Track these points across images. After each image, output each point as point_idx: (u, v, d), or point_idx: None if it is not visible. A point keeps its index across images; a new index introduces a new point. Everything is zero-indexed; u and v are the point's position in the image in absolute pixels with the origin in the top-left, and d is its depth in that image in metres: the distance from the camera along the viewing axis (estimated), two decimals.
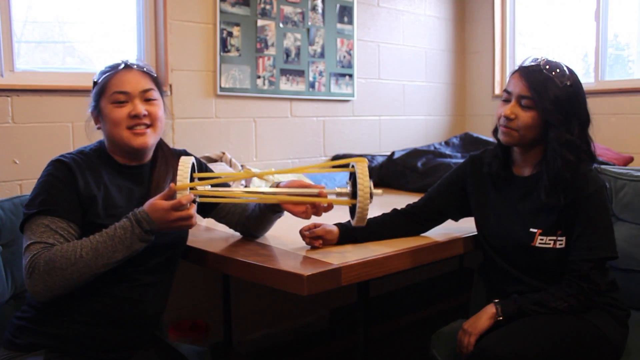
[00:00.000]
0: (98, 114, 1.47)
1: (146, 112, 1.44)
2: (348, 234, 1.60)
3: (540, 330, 1.42)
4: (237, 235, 1.73)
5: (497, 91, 3.74)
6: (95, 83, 1.48)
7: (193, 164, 1.39)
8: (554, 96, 1.47)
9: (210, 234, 1.77)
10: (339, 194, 1.47)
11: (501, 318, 1.47)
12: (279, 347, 2.78)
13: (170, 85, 2.49)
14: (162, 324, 1.66)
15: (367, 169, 1.40)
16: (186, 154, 1.59)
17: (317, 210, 1.46)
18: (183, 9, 2.51)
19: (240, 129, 2.74)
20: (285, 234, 1.69)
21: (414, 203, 1.75)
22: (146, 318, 1.45)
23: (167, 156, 1.55)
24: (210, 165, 2.36)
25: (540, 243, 1.53)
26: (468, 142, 3.23)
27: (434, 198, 1.74)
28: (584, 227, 1.49)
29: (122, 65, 1.46)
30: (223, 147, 2.65)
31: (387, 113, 3.41)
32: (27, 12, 2.26)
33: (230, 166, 2.43)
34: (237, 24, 2.67)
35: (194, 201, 1.34)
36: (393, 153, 2.95)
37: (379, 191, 1.44)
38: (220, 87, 2.63)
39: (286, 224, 1.66)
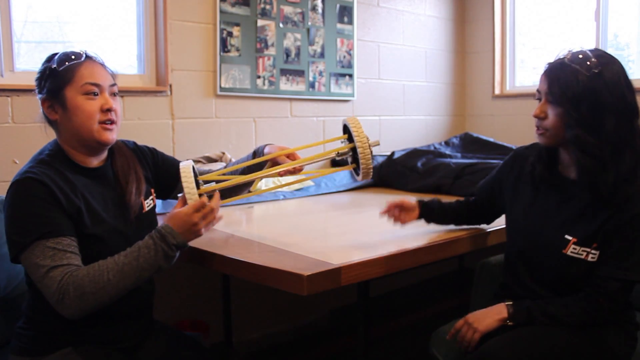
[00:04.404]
0: (58, 103, 1.38)
1: (114, 108, 1.42)
2: (427, 208, 1.71)
3: (546, 341, 1.37)
4: (237, 235, 1.73)
5: (497, 91, 3.74)
6: (52, 69, 1.37)
7: (193, 167, 1.42)
8: (571, 93, 1.36)
9: (210, 234, 1.77)
10: (339, 154, 1.49)
11: (510, 323, 1.42)
12: (279, 347, 2.78)
13: (170, 85, 2.49)
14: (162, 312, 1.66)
15: (359, 123, 1.45)
16: (135, 145, 1.60)
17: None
18: (183, 9, 2.51)
19: (240, 129, 2.74)
20: (285, 234, 1.69)
21: (473, 196, 1.79)
22: (142, 303, 1.50)
23: (122, 148, 1.53)
24: (210, 165, 2.36)
25: (572, 252, 1.42)
26: (468, 142, 3.23)
27: (482, 193, 1.75)
28: (623, 246, 1.38)
29: (84, 56, 1.41)
30: (223, 147, 2.65)
31: (387, 113, 3.41)
32: (27, 12, 2.26)
33: None
34: (237, 24, 2.67)
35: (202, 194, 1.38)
36: (393, 153, 2.95)
37: (377, 141, 1.48)
38: (220, 87, 2.63)
39: (287, 224, 1.66)
